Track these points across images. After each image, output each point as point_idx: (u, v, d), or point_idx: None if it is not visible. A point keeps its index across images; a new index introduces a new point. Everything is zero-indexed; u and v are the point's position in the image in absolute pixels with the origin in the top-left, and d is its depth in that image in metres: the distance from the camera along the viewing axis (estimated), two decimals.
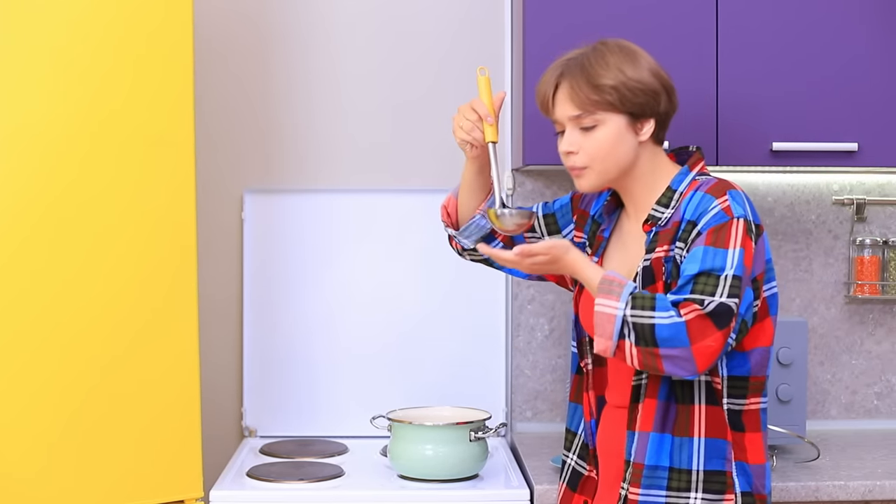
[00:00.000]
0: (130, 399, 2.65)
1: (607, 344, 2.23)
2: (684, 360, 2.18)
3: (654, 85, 2.38)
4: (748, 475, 2.33)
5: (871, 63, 3.00)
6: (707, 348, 2.18)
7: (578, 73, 2.38)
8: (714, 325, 2.18)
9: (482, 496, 2.78)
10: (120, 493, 2.63)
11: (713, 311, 2.18)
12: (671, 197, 2.38)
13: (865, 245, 3.34)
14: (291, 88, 3.38)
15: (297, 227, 3.33)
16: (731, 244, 2.25)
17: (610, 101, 2.35)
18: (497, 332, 3.35)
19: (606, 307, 2.22)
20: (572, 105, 2.38)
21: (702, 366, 2.19)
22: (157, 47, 2.67)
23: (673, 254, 2.31)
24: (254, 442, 3.28)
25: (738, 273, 2.22)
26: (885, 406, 3.42)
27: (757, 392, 2.35)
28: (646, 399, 2.33)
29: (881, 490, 2.75)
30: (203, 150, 3.35)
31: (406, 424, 2.84)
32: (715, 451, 2.31)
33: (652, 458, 2.31)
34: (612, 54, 2.38)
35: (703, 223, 2.29)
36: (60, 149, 2.55)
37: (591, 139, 2.38)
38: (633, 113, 2.37)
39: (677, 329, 2.17)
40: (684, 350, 2.17)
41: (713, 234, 2.26)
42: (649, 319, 2.18)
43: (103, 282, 2.60)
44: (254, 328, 3.33)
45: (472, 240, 2.63)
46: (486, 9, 3.39)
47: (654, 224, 2.37)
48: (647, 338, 2.18)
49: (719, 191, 2.32)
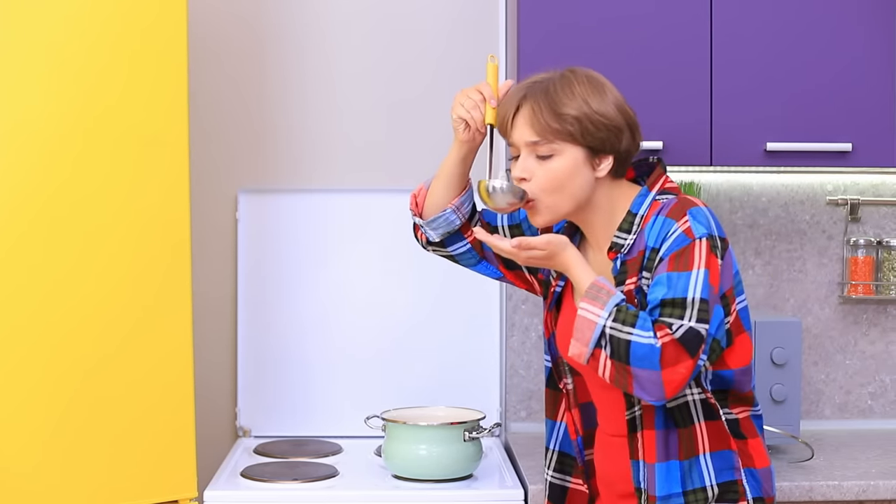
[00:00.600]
0: (124, 399, 2.64)
1: (582, 350, 2.19)
2: (652, 383, 2.14)
3: (617, 121, 2.30)
4: (757, 480, 2.33)
5: (865, 64, 3.00)
6: (677, 374, 2.14)
7: (542, 98, 2.31)
8: (686, 352, 2.14)
9: (476, 496, 2.78)
10: (113, 494, 2.63)
11: (682, 336, 2.14)
12: (632, 222, 2.32)
13: (859, 245, 3.34)
14: (286, 88, 3.38)
15: (291, 227, 3.33)
16: (694, 266, 2.20)
17: (570, 132, 2.28)
18: (491, 332, 3.35)
19: (590, 313, 2.18)
20: (531, 130, 2.31)
21: (669, 392, 2.15)
22: (152, 46, 2.67)
23: (640, 283, 2.27)
24: (248, 442, 3.27)
25: (703, 296, 2.18)
26: (879, 406, 3.42)
27: (745, 403, 2.34)
28: (645, 430, 2.30)
29: (875, 490, 2.75)
30: (197, 149, 3.35)
31: (400, 424, 2.83)
32: (723, 463, 2.30)
33: (663, 488, 2.29)
34: (578, 84, 2.31)
35: (664, 249, 2.24)
36: (54, 148, 2.55)
37: (545, 168, 2.31)
38: (592, 147, 2.30)
39: (651, 351, 2.13)
40: (654, 374, 2.13)
41: (675, 260, 2.21)
42: (627, 335, 2.14)
43: (97, 281, 2.60)
44: (248, 328, 3.33)
45: (439, 233, 2.57)
46: (480, 9, 3.39)
47: (619, 251, 2.32)
48: (621, 354, 2.14)
49: (679, 212, 2.26)
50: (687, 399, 2.29)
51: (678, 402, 2.29)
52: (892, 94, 3.00)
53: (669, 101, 2.96)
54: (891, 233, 3.40)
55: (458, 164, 2.52)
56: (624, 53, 2.97)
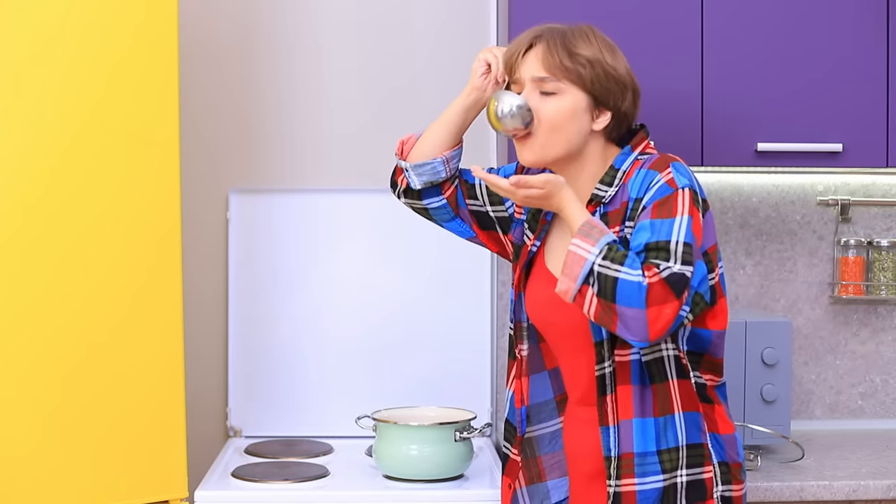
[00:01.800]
0: (115, 399, 2.64)
1: (570, 286, 2.19)
2: (637, 322, 2.14)
3: (625, 79, 2.35)
4: (721, 445, 2.33)
5: (856, 64, 3.00)
6: (662, 315, 2.14)
7: (558, 38, 2.35)
8: (672, 293, 2.14)
9: (467, 496, 2.78)
10: (104, 494, 2.63)
11: (668, 277, 2.14)
12: (614, 176, 2.34)
13: (850, 245, 3.35)
14: (277, 88, 3.38)
15: (282, 227, 3.33)
16: (677, 213, 2.22)
17: (580, 74, 2.31)
18: (482, 333, 3.35)
19: (580, 249, 2.18)
20: (541, 66, 2.34)
21: (654, 333, 2.15)
22: (142, 46, 2.66)
23: (623, 233, 2.29)
24: (239, 442, 3.27)
25: (687, 240, 2.19)
26: (870, 406, 3.43)
27: (714, 371, 2.35)
28: (619, 387, 2.30)
29: (865, 490, 2.76)
30: (188, 149, 3.34)
31: (391, 424, 2.83)
32: (692, 424, 2.30)
33: (640, 444, 2.29)
34: (595, 36, 2.36)
35: (647, 198, 2.26)
36: (44, 147, 2.55)
37: (547, 105, 2.33)
38: (596, 97, 2.33)
39: (639, 289, 2.13)
40: (640, 312, 2.13)
41: (658, 207, 2.23)
42: (615, 273, 2.14)
43: (86, 281, 2.60)
44: (239, 328, 3.33)
45: (423, 180, 2.56)
46: (471, 8, 3.38)
47: (599, 204, 2.34)
48: (607, 291, 2.14)
49: (662, 164, 2.30)
50: (662, 354, 2.30)
51: (654, 355, 2.29)
52: (883, 95, 3.01)
53: (660, 100, 2.96)
54: (881, 233, 3.41)
55: (460, 112, 2.55)
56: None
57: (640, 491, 2.29)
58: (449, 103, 2.58)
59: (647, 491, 2.29)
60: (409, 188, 2.61)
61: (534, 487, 2.51)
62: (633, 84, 2.37)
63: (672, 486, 2.29)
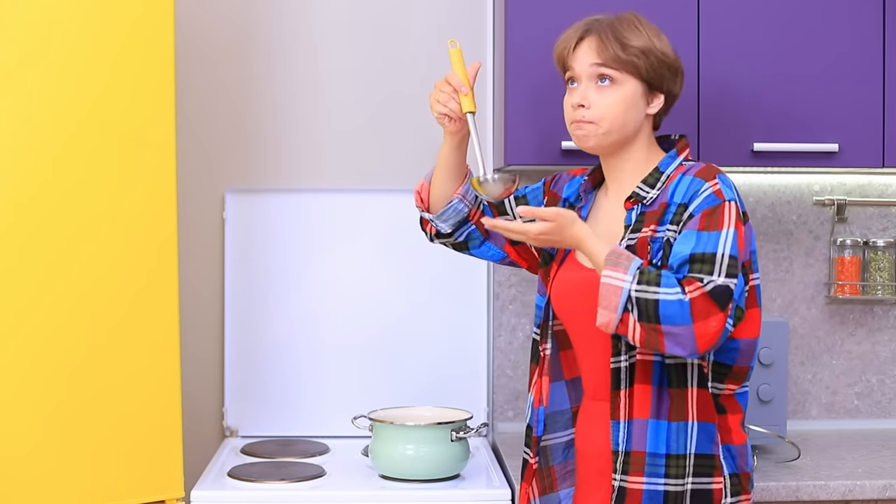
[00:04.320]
0: (111, 398, 2.64)
1: (611, 317, 2.21)
2: (686, 338, 2.17)
3: (675, 62, 2.42)
4: (733, 456, 2.34)
5: (852, 64, 3.01)
6: (709, 328, 2.17)
7: (608, 30, 2.40)
8: (716, 305, 2.17)
9: (463, 496, 2.78)
10: (100, 494, 2.63)
11: (713, 290, 2.17)
12: (658, 178, 2.38)
13: (846, 245, 3.35)
14: (273, 88, 3.38)
15: (278, 227, 3.33)
16: (724, 225, 2.25)
17: (635, 64, 2.37)
18: (478, 333, 3.35)
19: (614, 279, 2.20)
20: (597, 56, 2.39)
21: (702, 346, 2.17)
22: (138, 45, 2.66)
23: (661, 235, 2.30)
24: (235, 442, 3.27)
25: (732, 253, 2.22)
26: (866, 406, 3.43)
27: (738, 380, 2.36)
28: (637, 385, 2.31)
29: (861, 490, 2.76)
30: (184, 149, 3.34)
31: (387, 424, 2.83)
32: (705, 435, 2.31)
33: (652, 445, 2.30)
34: (641, 24, 2.42)
35: (694, 205, 2.29)
36: (40, 147, 2.54)
37: (605, 96, 2.39)
38: (650, 83, 2.39)
39: (681, 306, 2.16)
40: (686, 328, 2.16)
41: (706, 218, 2.26)
42: (654, 295, 2.17)
43: (83, 282, 2.60)
44: (235, 328, 3.32)
45: (450, 223, 2.61)
46: (468, 7, 3.38)
47: (638, 202, 2.37)
48: (650, 314, 2.17)
49: (709, 174, 2.34)
50: (686, 360, 2.31)
51: (677, 360, 2.31)
52: (879, 95, 3.01)
53: None
54: (877, 233, 3.41)
55: (452, 153, 2.57)
56: None
57: (647, 490, 2.31)
58: None
59: (653, 491, 2.30)
60: (439, 233, 2.66)
61: (546, 498, 2.53)
62: (680, 65, 2.44)
63: (677, 492, 2.30)
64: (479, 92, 3.34)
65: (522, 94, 2.97)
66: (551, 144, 2.97)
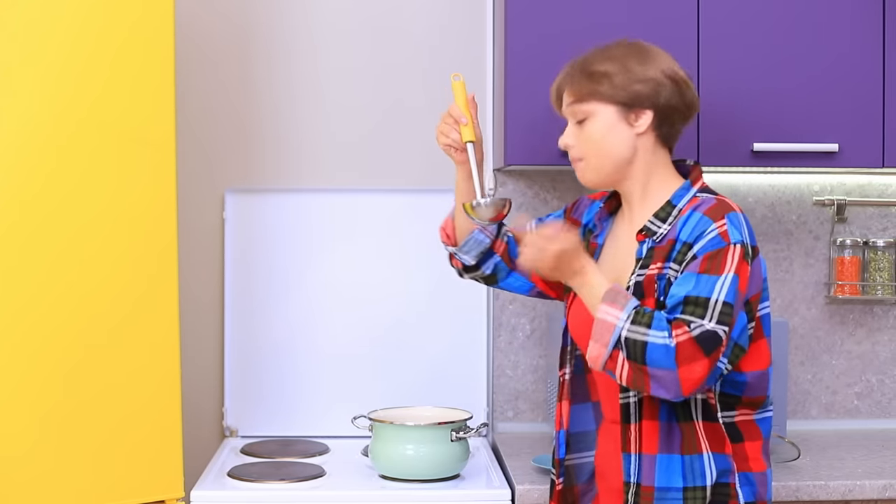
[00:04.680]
0: (111, 398, 2.64)
1: (601, 351, 2.21)
2: (670, 381, 2.16)
3: (654, 75, 2.34)
4: (752, 484, 2.33)
5: (852, 64, 3.00)
6: (693, 373, 2.16)
7: (577, 66, 2.40)
8: (702, 351, 2.16)
9: (463, 496, 2.78)
10: (100, 494, 2.63)
11: (699, 335, 2.16)
12: (669, 212, 2.34)
13: (846, 245, 3.35)
14: (273, 88, 3.38)
15: (278, 227, 3.33)
16: (724, 270, 2.22)
17: (600, 91, 2.34)
18: (479, 333, 3.35)
19: (609, 315, 2.21)
20: (569, 95, 2.39)
21: (686, 389, 2.17)
22: (138, 45, 2.66)
23: (666, 273, 2.28)
24: (235, 442, 3.27)
25: (728, 300, 2.20)
26: (865, 406, 3.43)
27: (752, 406, 2.34)
28: (645, 420, 2.31)
29: (861, 490, 2.76)
30: (184, 149, 3.34)
31: (387, 424, 2.83)
32: (721, 465, 2.30)
33: (662, 480, 2.29)
34: (616, 47, 2.39)
35: (698, 247, 2.25)
36: (40, 148, 2.54)
37: (583, 131, 2.38)
38: (626, 103, 2.34)
39: (667, 351, 2.15)
40: (670, 373, 2.16)
41: (708, 261, 2.23)
42: (643, 337, 2.17)
43: (83, 281, 2.60)
44: (235, 328, 3.32)
45: (472, 255, 2.62)
46: (468, 8, 3.38)
47: (648, 236, 2.34)
48: (637, 355, 2.17)
49: (718, 213, 2.28)
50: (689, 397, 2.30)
51: None
52: (879, 95, 3.01)
53: None
54: (877, 233, 3.41)
55: (464, 182, 2.60)
56: None
57: None
58: (445, 103, 2.59)
59: None
60: (466, 266, 2.66)
61: None
62: (669, 76, 2.36)
63: None
64: (479, 92, 3.35)
65: (522, 94, 2.97)
66: (551, 144, 2.96)
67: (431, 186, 3.36)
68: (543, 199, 3.35)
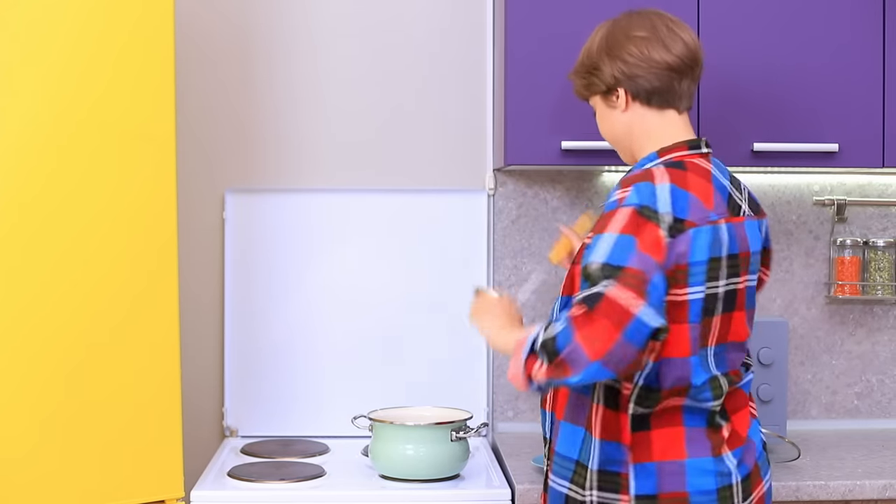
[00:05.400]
0: (111, 399, 2.64)
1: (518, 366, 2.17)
2: (578, 354, 2.08)
3: (594, 56, 2.40)
4: (652, 475, 2.27)
5: (852, 64, 3.01)
6: (593, 335, 2.07)
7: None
8: (591, 313, 2.08)
9: (463, 496, 2.78)
10: (100, 494, 2.63)
11: (583, 299, 2.11)
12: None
13: (846, 245, 3.35)
14: (273, 88, 3.38)
15: (278, 227, 3.33)
16: (607, 229, 2.18)
17: (582, 88, 2.45)
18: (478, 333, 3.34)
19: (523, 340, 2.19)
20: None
21: (592, 352, 2.07)
22: (139, 45, 2.66)
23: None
24: (235, 442, 3.27)
25: (611, 261, 2.12)
26: (865, 406, 3.43)
27: (679, 395, 2.28)
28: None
29: (861, 490, 2.76)
30: (185, 149, 3.34)
31: (387, 424, 2.83)
32: (608, 453, 2.28)
33: (562, 447, 2.34)
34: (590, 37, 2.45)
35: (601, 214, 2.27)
36: (40, 147, 2.54)
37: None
38: (603, 89, 2.40)
39: (567, 328, 2.10)
40: (573, 344, 2.08)
41: (598, 223, 2.22)
42: (552, 332, 2.13)
43: (83, 281, 2.60)
44: (235, 328, 3.33)
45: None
46: (467, 12, 3.38)
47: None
48: (550, 349, 2.11)
49: (630, 182, 2.26)
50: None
51: None
52: (879, 95, 3.01)
53: None
54: (877, 233, 3.41)
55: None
56: None
57: (552, 488, 2.37)
58: (445, 102, 2.58)
59: (555, 490, 2.35)
60: None
61: None
62: (609, 49, 2.37)
63: (578, 500, 2.32)
64: (479, 91, 3.36)
65: (522, 94, 2.97)
66: (551, 144, 2.97)
67: (432, 186, 3.36)
68: (543, 199, 3.35)
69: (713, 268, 2.27)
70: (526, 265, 3.35)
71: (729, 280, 2.30)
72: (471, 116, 3.37)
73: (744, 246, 2.35)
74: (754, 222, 2.40)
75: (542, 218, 3.35)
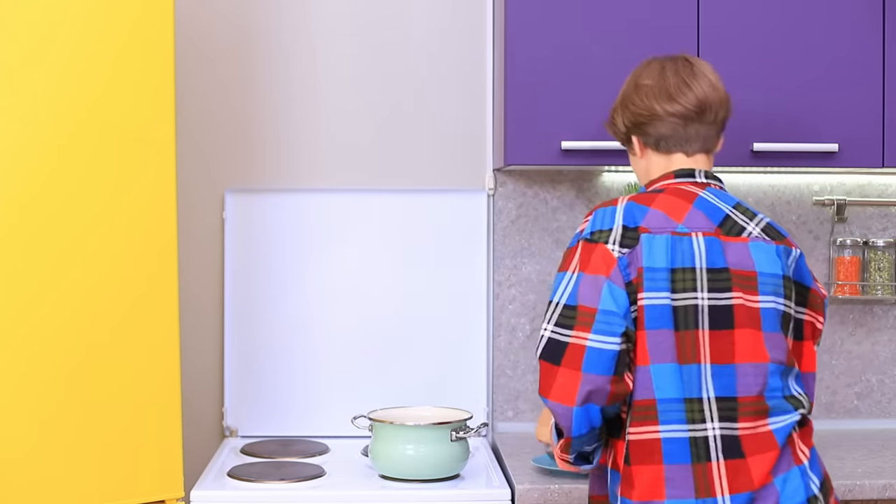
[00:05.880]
0: (111, 399, 2.64)
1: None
2: (556, 412, 2.23)
3: (614, 107, 2.51)
4: None
5: (852, 64, 3.01)
6: (551, 383, 2.20)
7: None
8: (551, 365, 2.20)
9: (463, 496, 2.78)
10: (100, 494, 2.63)
11: (542, 350, 2.22)
12: None
13: (846, 245, 3.35)
14: (273, 88, 3.38)
15: (278, 227, 3.33)
16: (568, 267, 2.27)
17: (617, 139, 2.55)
18: (478, 333, 3.35)
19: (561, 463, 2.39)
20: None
21: (562, 398, 2.19)
22: (138, 46, 2.66)
23: None
24: (235, 442, 3.27)
25: (569, 302, 2.23)
26: (865, 406, 3.43)
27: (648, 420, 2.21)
28: None
29: (861, 490, 2.76)
30: (184, 149, 3.34)
31: (387, 424, 2.83)
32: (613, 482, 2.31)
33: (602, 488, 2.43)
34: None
35: None
36: (39, 148, 2.54)
37: None
38: (621, 140, 2.51)
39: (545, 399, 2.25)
40: (550, 405, 2.23)
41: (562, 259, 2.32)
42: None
43: (82, 282, 2.60)
44: (235, 328, 3.32)
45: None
46: (467, 12, 3.38)
47: None
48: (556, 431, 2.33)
49: (593, 209, 2.35)
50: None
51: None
52: (879, 95, 3.01)
53: None
54: (877, 233, 3.41)
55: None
56: (613, 61, 2.97)
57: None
58: (444, 102, 2.57)
59: None
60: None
61: None
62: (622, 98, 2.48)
63: None
64: (479, 91, 3.36)
65: (522, 93, 2.97)
66: (551, 144, 2.97)
67: (432, 186, 3.36)
68: (543, 199, 3.35)
69: (680, 278, 2.23)
70: (526, 265, 3.35)
71: (712, 294, 2.23)
72: (470, 116, 3.37)
73: (740, 263, 2.27)
74: (768, 245, 2.31)
75: (542, 218, 3.35)
